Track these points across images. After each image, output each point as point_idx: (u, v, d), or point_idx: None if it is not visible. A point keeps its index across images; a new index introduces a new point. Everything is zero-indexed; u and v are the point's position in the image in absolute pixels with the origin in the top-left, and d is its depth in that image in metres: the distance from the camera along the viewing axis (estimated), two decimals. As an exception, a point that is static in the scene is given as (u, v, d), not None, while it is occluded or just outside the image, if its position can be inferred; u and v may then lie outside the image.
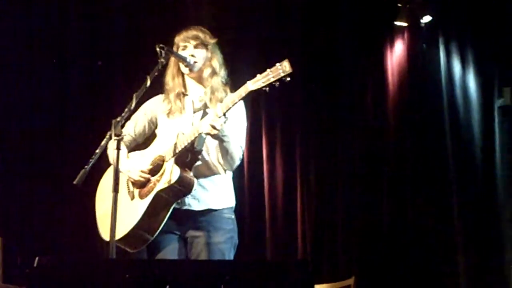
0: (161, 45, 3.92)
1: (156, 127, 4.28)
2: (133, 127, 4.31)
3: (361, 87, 6.37)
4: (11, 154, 6.40)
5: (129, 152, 4.26)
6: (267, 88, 3.70)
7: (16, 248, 6.02)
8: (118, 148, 3.65)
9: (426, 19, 6.05)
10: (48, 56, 6.51)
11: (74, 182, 3.70)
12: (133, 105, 3.79)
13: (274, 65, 3.68)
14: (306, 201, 6.39)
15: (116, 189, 3.61)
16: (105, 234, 4.07)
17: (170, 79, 4.22)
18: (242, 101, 4.04)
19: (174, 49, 4.16)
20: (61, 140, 6.55)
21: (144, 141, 4.35)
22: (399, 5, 6.09)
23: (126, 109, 3.77)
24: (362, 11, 6.20)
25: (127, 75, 6.29)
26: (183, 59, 4.10)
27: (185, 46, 4.14)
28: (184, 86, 4.22)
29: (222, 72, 4.18)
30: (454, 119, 6.05)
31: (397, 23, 6.17)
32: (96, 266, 3.12)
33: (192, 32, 4.16)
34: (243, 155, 4.18)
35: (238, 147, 4.03)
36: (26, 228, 6.32)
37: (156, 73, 3.88)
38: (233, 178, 4.26)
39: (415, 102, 6.16)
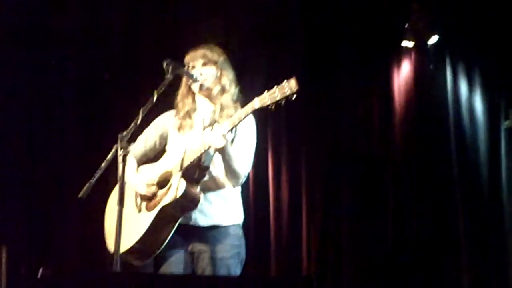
0: (168, 61, 3.95)
1: (167, 142, 4.31)
2: (144, 142, 4.33)
3: (367, 107, 6.37)
4: (15, 164, 6.41)
5: (139, 166, 4.30)
6: (273, 106, 3.71)
7: (20, 259, 6.03)
8: (123, 163, 3.67)
9: (433, 39, 6.06)
10: (47, 58, 6.53)
11: (79, 196, 3.72)
12: (140, 120, 3.81)
13: (281, 82, 3.70)
14: (311, 218, 6.39)
15: (121, 203, 3.62)
16: (112, 247, 4.00)
17: (180, 100, 4.24)
18: (252, 118, 4.07)
19: (185, 68, 4.19)
20: (66, 152, 6.57)
21: (155, 156, 4.37)
22: (406, 25, 6.11)
23: (133, 124, 3.79)
24: (369, 31, 6.20)
25: (132, 88, 6.31)
26: (190, 76, 4.12)
27: (194, 65, 4.17)
28: (194, 102, 4.23)
29: (233, 89, 4.18)
30: (461, 140, 6.05)
31: (404, 43, 6.18)
32: (100, 279, 3.13)
33: (200, 51, 4.17)
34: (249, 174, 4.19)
35: (244, 163, 4.04)
36: (31, 238, 6.33)
37: (163, 89, 3.90)
38: (242, 193, 4.27)
39: (421, 122, 6.16)
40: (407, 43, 6.17)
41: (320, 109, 6.45)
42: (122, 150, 3.67)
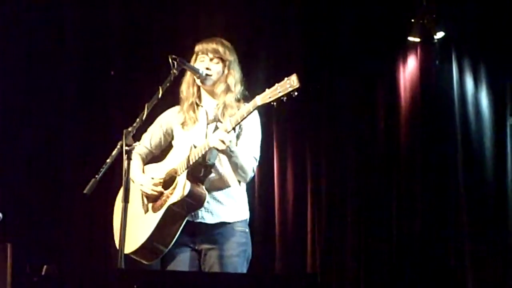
0: (173, 56, 3.94)
1: (172, 139, 4.30)
2: (149, 139, 4.33)
3: (372, 102, 6.36)
4: (20, 162, 6.41)
5: (145, 164, 4.28)
6: (275, 103, 3.71)
7: (25, 256, 6.01)
8: (128, 159, 3.66)
9: (439, 35, 6.03)
10: (46, 59, 6.52)
11: (84, 192, 3.74)
12: (145, 115, 3.80)
13: (283, 79, 3.69)
14: (317, 215, 6.38)
15: (126, 200, 3.63)
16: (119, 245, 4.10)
17: (185, 88, 4.23)
18: (257, 113, 4.05)
19: (193, 56, 4.17)
20: (71, 148, 6.56)
21: (161, 153, 4.36)
22: (412, 20, 6.08)
23: (138, 119, 3.79)
24: (375, 27, 6.19)
25: (138, 84, 6.30)
26: (195, 71, 4.11)
27: (203, 58, 4.15)
28: (199, 96, 4.23)
29: (238, 89, 4.17)
30: (466, 135, 6.03)
31: (410, 39, 6.15)
32: (104, 276, 3.12)
33: (212, 45, 4.15)
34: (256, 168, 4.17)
35: (250, 158, 4.04)
36: (36, 236, 6.32)
37: (168, 84, 3.89)
38: (247, 190, 4.26)
39: (427, 119, 6.14)
40: (413, 39, 6.14)
41: (325, 104, 6.43)
42: (127, 146, 3.66)
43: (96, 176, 3.73)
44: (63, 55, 6.56)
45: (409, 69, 6.22)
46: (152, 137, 4.33)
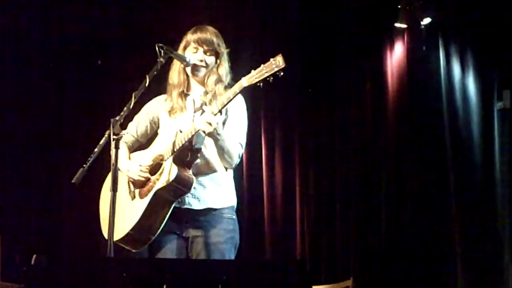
0: (160, 44, 3.93)
1: (158, 127, 4.29)
2: (135, 127, 4.32)
3: (360, 89, 6.37)
4: (9, 151, 6.40)
5: (131, 152, 4.28)
6: (261, 84, 3.70)
7: (14, 246, 6.02)
8: (116, 147, 3.66)
9: (426, 21, 6.04)
10: (45, 55, 6.51)
11: (73, 181, 3.74)
12: (132, 104, 3.80)
13: (268, 60, 3.69)
14: (305, 201, 6.40)
15: (114, 188, 3.64)
16: (107, 234, 4.08)
17: (176, 75, 4.20)
18: (242, 98, 4.06)
19: (183, 45, 4.15)
20: (60, 138, 6.56)
21: (147, 142, 4.36)
22: (398, 7, 6.09)
23: (125, 108, 3.78)
24: (362, 13, 6.19)
25: (124, 73, 6.29)
26: (182, 59, 4.09)
27: (196, 49, 4.12)
28: (188, 84, 4.22)
29: (228, 79, 4.16)
30: (454, 121, 6.04)
31: (397, 25, 6.16)
32: (94, 264, 3.13)
33: (207, 36, 4.12)
34: (242, 154, 4.18)
35: (236, 144, 4.03)
36: (25, 225, 6.32)
37: (155, 73, 3.88)
38: (234, 177, 4.26)
39: (414, 104, 6.15)
40: (400, 25, 6.15)
41: (313, 91, 6.45)
42: (115, 135, 3.66)
43: (84, 165, 3.73)
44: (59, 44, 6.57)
45: (396, 55, 6.23)
46: (138, 125, 4.31)
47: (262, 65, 3.69)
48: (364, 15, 6.19)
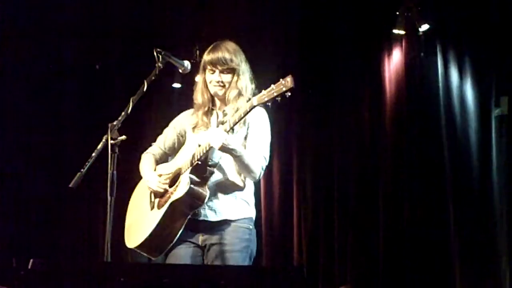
0: (158, 49, 3.95)
1: (185, 140, 4.34)
2: (163, 141, 4.41)
3: (358, 95, 6.38)
4: (7, 154, 6.40)
5: (158, 164, 4.37)
6: (270, 103, 3.80)
7: (11, 250, 6.01)
8: (114, 152, 3.68)
9: (424, 27, 6.04)
10: (45, 58, 6.51)
11: (70, 185, 3.75)
12: (130, 109, 3.82)
13: (278, 80, 3.75)
14: (303, 207, 6.40)
15: (111, 193, 3.68)
16: (128, 242, 4.24)
17: (200, 96, 4.26)
18: (264, 111, 4.17)
19: (202, 66, 4.22)
20: (59, 142, 6.56)
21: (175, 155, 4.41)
22: (397, 13, 6.10)
23: (123, 113, 3.80)
24: (360, 19, 6.20)
25: (124, 77, 6.30)
26: (180, 64, 4.12)
27: (213, 70, 4.18)
28: (213, 100, 4.28)
29: (249, 91, 4.19)
30: (451, 127, 6.03)
31: (395, 31, 6.16)
32: (90, 269, 3.12)
33: (219, 55, 4.16)
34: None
35: (259, 157, 4.10)
36: (22, 229, 6.32)
37: (153, 78, 3.91)
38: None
39: (412, 111, 6.15)
40: (398, 31, 6.15)
41: (310, 98, 6.45)
42: (112, 139, 3.69)
43: (82, 170, 3.74)
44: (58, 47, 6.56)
45: (394, 62, 6.23)
46: (166, 138, 4.40)
47: (272, 85, 3.77)
48: (362, 22, 6.20)
